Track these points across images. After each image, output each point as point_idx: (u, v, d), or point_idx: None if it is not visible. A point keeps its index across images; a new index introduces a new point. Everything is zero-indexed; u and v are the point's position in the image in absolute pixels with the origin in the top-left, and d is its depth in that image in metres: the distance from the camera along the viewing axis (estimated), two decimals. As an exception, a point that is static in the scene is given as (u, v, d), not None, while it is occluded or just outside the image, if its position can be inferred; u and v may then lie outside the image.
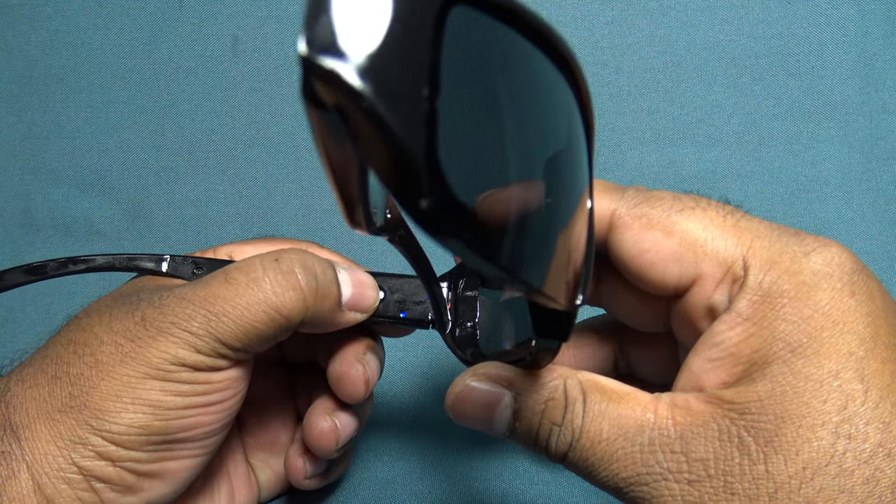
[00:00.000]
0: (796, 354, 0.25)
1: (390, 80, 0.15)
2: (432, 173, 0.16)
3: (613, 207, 0.29)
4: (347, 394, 0.34)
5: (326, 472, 0.37)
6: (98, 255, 0.34)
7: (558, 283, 0.22)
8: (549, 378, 0.27)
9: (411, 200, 0.16)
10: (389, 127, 0.15)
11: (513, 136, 0.21)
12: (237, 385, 0.31)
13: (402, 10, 0.16)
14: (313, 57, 0.15)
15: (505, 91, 0.21)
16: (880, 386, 0.24)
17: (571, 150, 0.25)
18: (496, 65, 0.21)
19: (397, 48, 0.15)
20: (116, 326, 0.30)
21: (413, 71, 0.16)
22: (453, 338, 0.33)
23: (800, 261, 0.26)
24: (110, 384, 0.28)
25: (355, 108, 0.15)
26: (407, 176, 0.16)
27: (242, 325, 0.29)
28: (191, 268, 0.34)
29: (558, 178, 0.23)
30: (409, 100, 0.16)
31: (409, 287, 0.34)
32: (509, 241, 0.20)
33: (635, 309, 0.32)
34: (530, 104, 0.22)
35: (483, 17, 0.19)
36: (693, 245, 0.28)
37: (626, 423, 0.26)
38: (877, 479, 0.23)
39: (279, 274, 0.30)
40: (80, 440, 0.28)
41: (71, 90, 0.54)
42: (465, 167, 0.18)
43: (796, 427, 0.24)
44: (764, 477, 0.24)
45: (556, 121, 0.24)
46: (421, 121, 0.16)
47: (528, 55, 0.22)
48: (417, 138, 0.16)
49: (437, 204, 0.16)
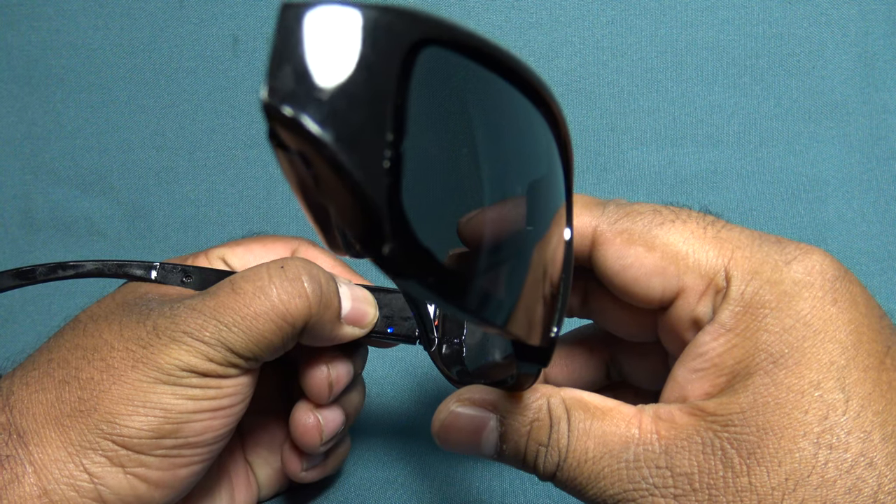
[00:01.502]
0: (778, 365, 0.25)
1: (352, 127, 0.15)
2: (394, 220, 0.16)
3: (595, 224, 0.29)
4: (313, 395, 0.34)
5: (323, 465, 0.37)
6: (87, 261, 0.35)
7: (526, 321, 0.22)
8: (532, 398, 0.27)
9: (373, 246, 0.16)
10: (350, 174, 0.15)
11: (484, 177, 0.21)
12: (245, 391, 0.31)
13: (367, 57, 0.16)
14: (275, 104, 0.15)
15: (477, 130, 0.21)
16: (861, 395, 0.24)
17: (546, 188, 0.25)
18: (467, 104, 0.20)
19: (360, 95, 0.15)
20: (128, 334, 0.30)
21: (376, 117, 0.16)
22: (440, 355, 0.33)
23: (781, 270, 0.26)
24: (121, 388, 0.29)
25: (316, 155, 0.15)
26: (368, 222, 0.16)
27: (252, 335, 0.30)
28: (180, 276, 0.34)
29: (530, 217, 0.23)
30: (371, 146, 0.16)
31: (398, 302, 0.34)
32: (475, 284, 0.20)
33: (623, 321, 0.32)
34: (504, 143, 0.22)
35: (454, 56, 0.19)
36: (675, 258, 0.28)
37: (611, 440, 0.26)
38: (858, 488, 0.23)
39: (285, 281, 0.31)
40: (91, 445, 0.28)
41: (71, 90, 0.54)
42: (431, 211, 0.18)
43: (778, 438, 0.24)
44: (747, 489, 0.24)
45: (530, 160, 0.24)
46: (383, 167, 0.16)
47: (501, 93, 0.22)
48: (379, 185, 0.16)
49: (400, 250, 0.16)
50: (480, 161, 0.21)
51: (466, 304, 0.19)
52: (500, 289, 0.21)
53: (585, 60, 0.54)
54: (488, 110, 0.21)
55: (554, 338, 0.24)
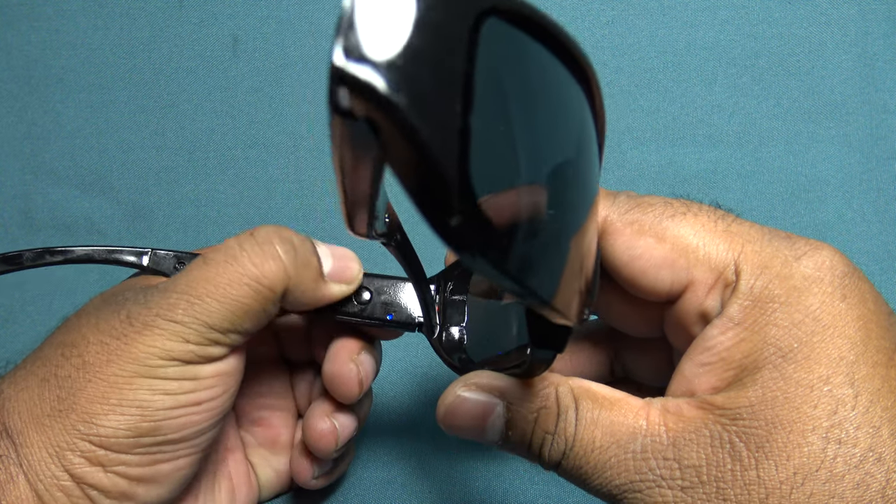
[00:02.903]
0: (787, 359, 0.25)
1: (424, 93, 0.15)
2: (463, 191, 0.16)
3: (605, 214, 0.29)
4: (341, 394, 0.34)
5: (331, 471, 0.37)
6: (77, 247, 0.33)
7: (570, 299, 0.22)
8: (540, 386, 0.27)
9: (440, 217, 0.16)
10: (422, 141, 0.15)
11: (540, 152, 0.21)
12: (227, 381, 0.31)
13: (436, 22, 0.15)
14: (347, 67, 0.14)
15: (532, 106, 0.20)
16: (870, 390, 0.24)
17: (587, 165, 0.25)
18: (524, 80, 0.20)
19: (432, 60, 0.15)
20: (103, 326, 0.29)
21: (448, 84, 0.16)
22: (440, 342, 0.33)
23: (791, 265, 0.26)
24: (97, 386, 0.28)
25: (388, 121, 0.15)
26: (437, 192, 0.15)
27: (227, 303, 0.29)
28: (173, 262, 0.33)
29: (577, 193, 0.23)
30: (443, 114, 0.15)
31: (396, 288, 0.34)
32: (532, 259, 0.19)
33: (629, 316, 0.32)
34: (554, 118, 0.22)
35: (513, 30, 0.19)
36: (685, 251, 0.28)
37: (619, 430, 0.26)
38: (867, 483, 0.23)
39: (255, 245, 0.30)
40: (69, 446, 0.28)
41: (71, 90, 0.54)
42: (497, 184, 0.18)
43: (787, 432, 0.24)
44: (755, 483, 0.24)
45: (575, 135, 0.24)
46: (454, 137, 0.15)
47: (552, 69, 0.22)
48: (450, 154, 0.15)
49: (467, 222, 0.16)
50: (535, 139, 0.20)
51: (525, 280, 0.19)
52: (552, 266, 0.21)
53: (585, 60, 0.54)
54: (541, 88, 0.21)
55: (586, 319, 0.24)
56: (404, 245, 0.29)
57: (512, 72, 0.19)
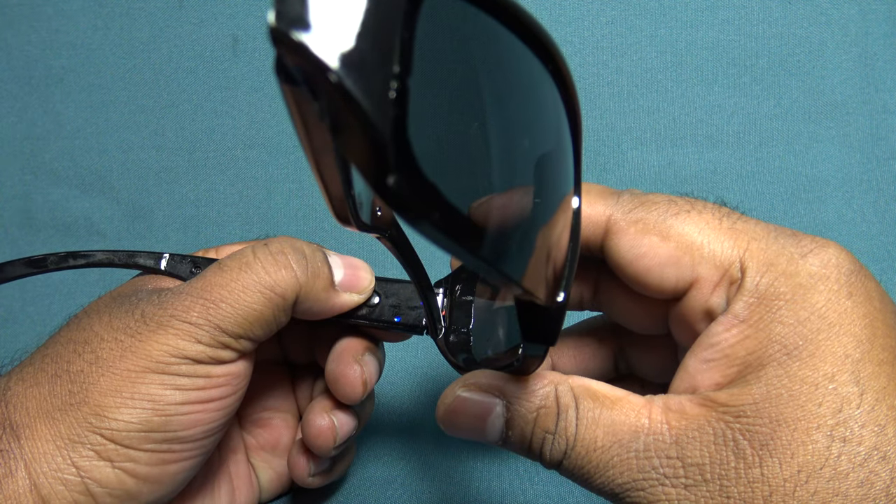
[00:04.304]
0: (792, 357, 0.25)
1: (360, 54, 0.15)
2: (399, 150, 0.16)
3: (609, 213, 0.29)
4: (344, 394, 0.34)
5: (330, 470, 0.37)
6: (98, 251, 0.34)
7: (537, 277, 0.22)
8: (539, 385, 0.27)
9: (379, 177, 0.16)
10: (356, 100, 0.15)
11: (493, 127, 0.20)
12: (237, 382, 0.31)
13: None
14: (282, 29, 0.15)
15: (487, 81, 0.20)
16: (876, 388, 0.24)
17: (555, 147, 0.24)
18: (478, 53, 0.20)
19: (369, 24, 0.15)
20: (116, 324, 0.30)
21: (384, 47, 0.16)
22: (447, 343, 0.33)
23: (796, 262, 0.26)
24: (110, 380, 0.28)
25: (323, 81, 0.15)
26: (373, 152, 0.16)
27: (240, 309, 0.30)
28: (189, 266, 0.34)
29: (542, 174, 0.23)
30: (379, 75, 0.16)
31: (405, 292, 0.34)
32: (489, 231, 0.19)
33: (634, 312, 0.32)
34: (513, 97, 0.22)
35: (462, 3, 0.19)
36: (689, 248, 0.28)
37: (621, 429, 0.26)
38: (871, 482, 0.23)
39: (269, 255, 0.31)
40: (79, 439, 0.28)
41: (71, 90, 0.54)
42: (438, 148, 0.18)
43: (791, 430, 0.24)
44: (759, 480, 0.24)
45: (539, 116, 0.24)
46: (389, 97, 0.16)
47: (511, 46, 0.22)
48: (385, 114, 0.16)
49: (405, 181, 0.16)
50: (486, 112, 0.20)
51: (480, 249, 0.19)
52: (514, 242, 0.21)
53: (585, 60, 0.54)
54: (496, 62, 0.21)
55: (562, 307, 0.24)
56: (400, 241, 0.29)
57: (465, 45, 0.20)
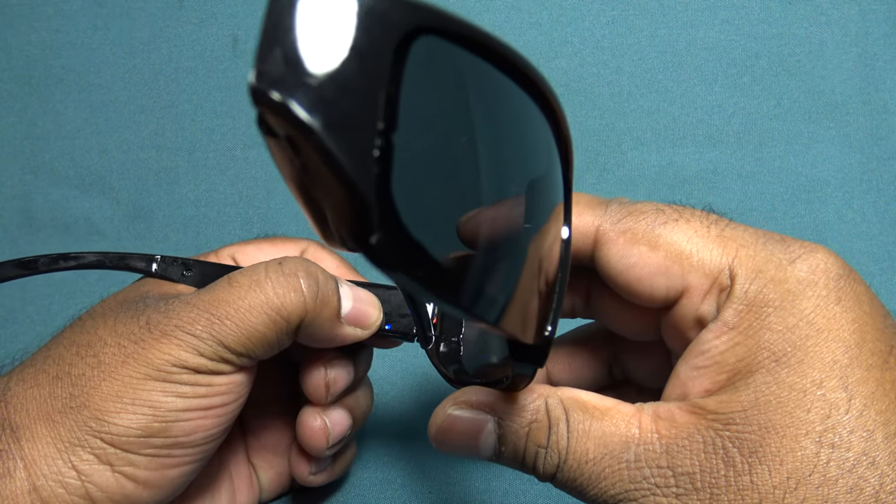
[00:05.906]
0: (780, 364, 0.25)
1: (342, 113, 0.15)
2: (383, 209, 0.16)
3: (598, 223, 0.29)
4: (311, 396, 0.34)
5: (331, 469, 0.37)
6: (89, 253, 0.34)
7: (520, 319, 0.22)
8: (529, 399, 0.27)
9: (361, 237, 0.16)
10: (337, 161, 0.15)
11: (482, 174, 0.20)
12: (239, 390, 0.31)
13: (360, 43, 0.15)
14: (263, 89, 0.14)
15: (475, 125, 0.20)
16: (864, 394, 0.24)
17: (545, 185, 0.24)
18: (464, 97, 0.20)
19: (352, 82, 0.15)
20: (121, 329, 0.30)
21: (367, 105, 0.16)
22: (437, 353, 0.33)
23: (785, 269, 0.26)
24: (111, 384, 0.28)
25: (304, 142, 0.15)
26: (356, 211, 0.16)
27: (245, 328, 0.29)
28: (180, 269, 0.34)
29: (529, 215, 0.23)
30: (361, 134, 0.15)
31: (396, 299, 0.34)
32: (468, 280, 0.19)
33: (626, 320, 0.32)
34: (503, 140, 0.22)
35: (451, 47, 0.19)
36: (679, 257, 0.28)
37: (611, 440, 0.26)
38: (860, 487, 0.23)
39: (281, 276, 0.30)
40: (80, 442, 0.28)
41: (71, 90, 0.54)
42: (425, 206, 0.18)
43: (780, 437, 0.24)
44: (748, 488, 0.24)
45: (529, 157, 0.24)
46: (372, 155, 0.16)
47: (500, 87, 0.22)
48: (367, 173, 0.15)
49: (387, 241, 0.16)
50: (478, 158, 0.20)
51: (459, 299, 0.19)
52: (495, 286, 0.21)
53: (585, 60, 0.54)
54: (487, 105, 0.21)
55: (548, 337, 0.24)
56: None
57: (447, 90, 0.19)
